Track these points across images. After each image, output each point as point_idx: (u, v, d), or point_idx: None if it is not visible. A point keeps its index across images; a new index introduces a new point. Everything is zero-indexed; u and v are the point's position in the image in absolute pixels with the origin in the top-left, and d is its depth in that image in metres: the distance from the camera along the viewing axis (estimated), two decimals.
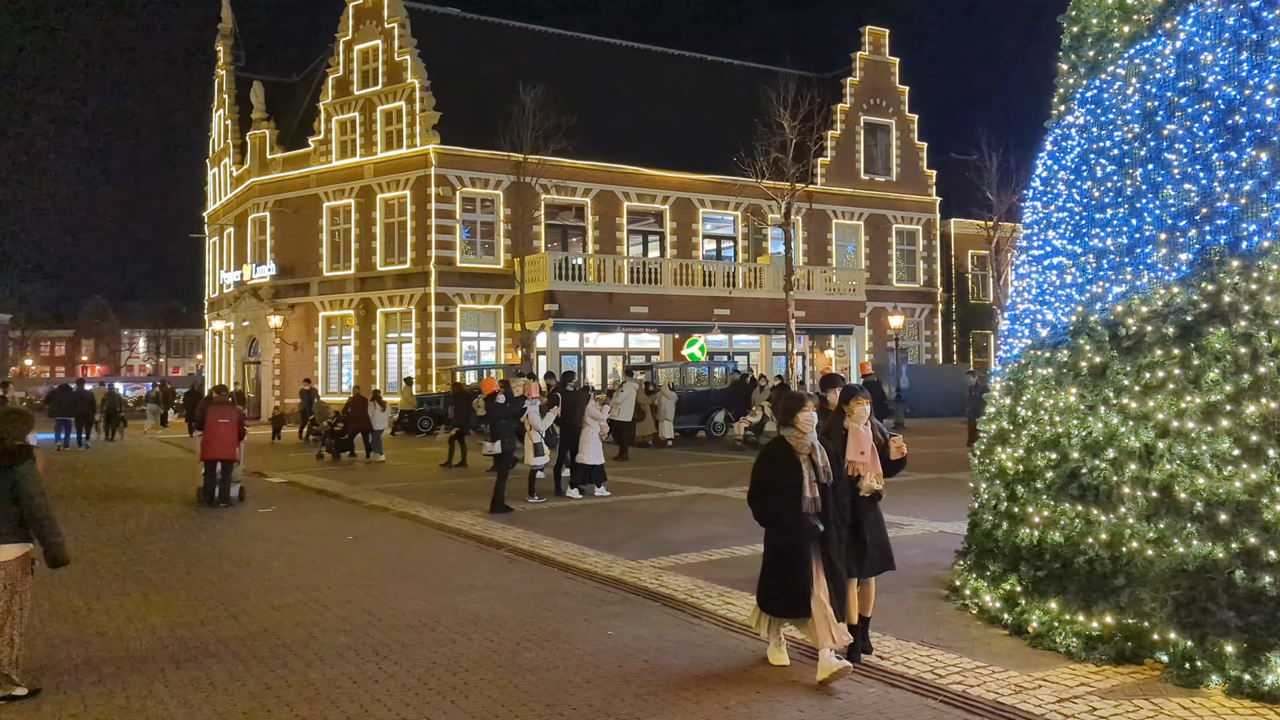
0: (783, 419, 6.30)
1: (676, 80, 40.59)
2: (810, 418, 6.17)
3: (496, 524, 12.54)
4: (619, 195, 36.69)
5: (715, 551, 10.35)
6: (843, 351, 40.80)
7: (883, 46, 42.56)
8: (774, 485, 6.25)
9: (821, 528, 6.13)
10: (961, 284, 46.98)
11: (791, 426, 6.19)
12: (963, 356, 46.56)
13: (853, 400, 6.56)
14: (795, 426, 6.17)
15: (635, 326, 34.77)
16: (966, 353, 47.27)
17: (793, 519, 6.13)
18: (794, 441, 6.18)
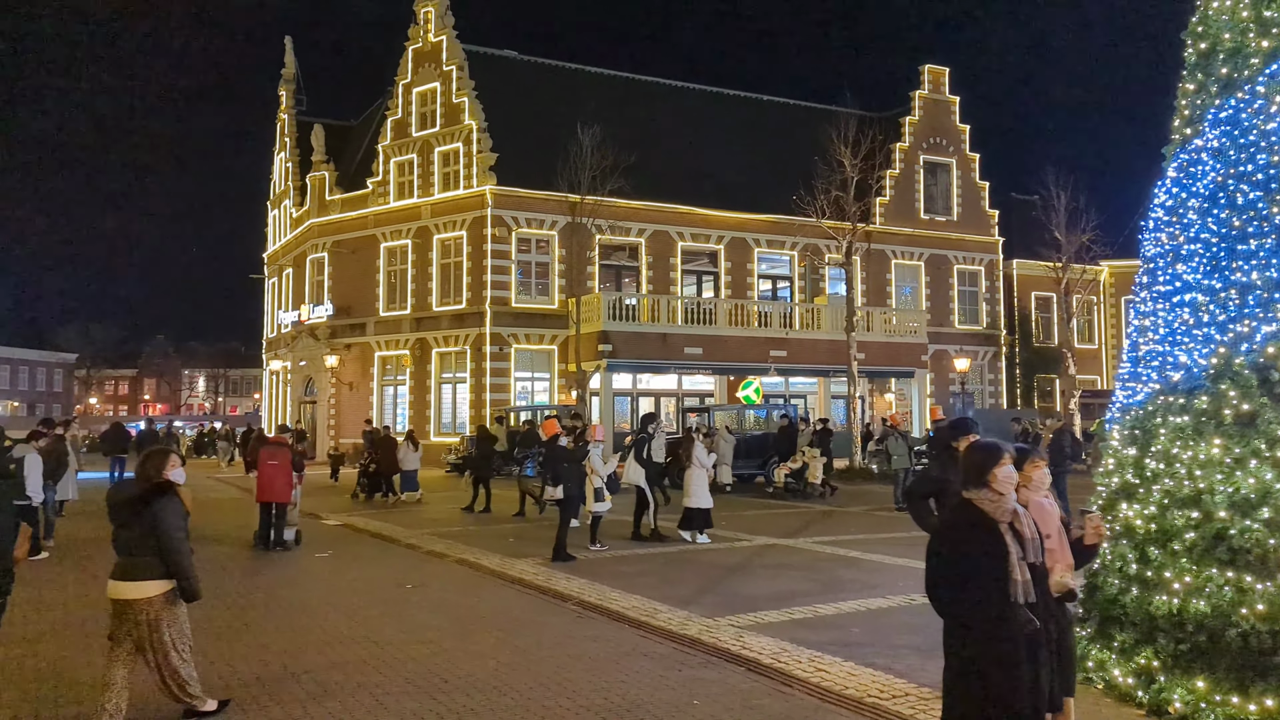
0: (973, 477, 4.56)
1: (730, 120, 40.32)
2: (1010, 474, 4.51)
3: (560, 573, 11.97)
4: (673, 235, 36.34)
5: (797, 609, 9.68)
6: (903, 395, 39.85)
7: (942, 85, 42.00)
8: (967, 568, 4.44)
9: (1037, 624, 4.36)
10: (1025, 326, 45.84)
11: (985, 487, 4.50)
12: (1026, 401, 45.31)
13: (1028, 464, 5.24)
14: (991, 487, 4.49)
15: (689, 368, 34.26)
16: (1030, 397, 46.00)
17: (1000, 614, 4.29)
18: (989, 507, 4.46)
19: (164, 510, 5.94)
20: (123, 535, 5.99)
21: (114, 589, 5.98)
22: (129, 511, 5.97)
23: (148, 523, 5.89)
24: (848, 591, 10.62)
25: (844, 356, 35.69)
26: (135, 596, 5.90)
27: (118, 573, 5.99)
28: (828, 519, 18.12)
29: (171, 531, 5.91)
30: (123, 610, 5.94)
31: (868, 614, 9.49)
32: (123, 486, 6.18)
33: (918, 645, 8.19)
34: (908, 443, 20.65)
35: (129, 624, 5.94)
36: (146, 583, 5.89)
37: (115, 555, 6.10)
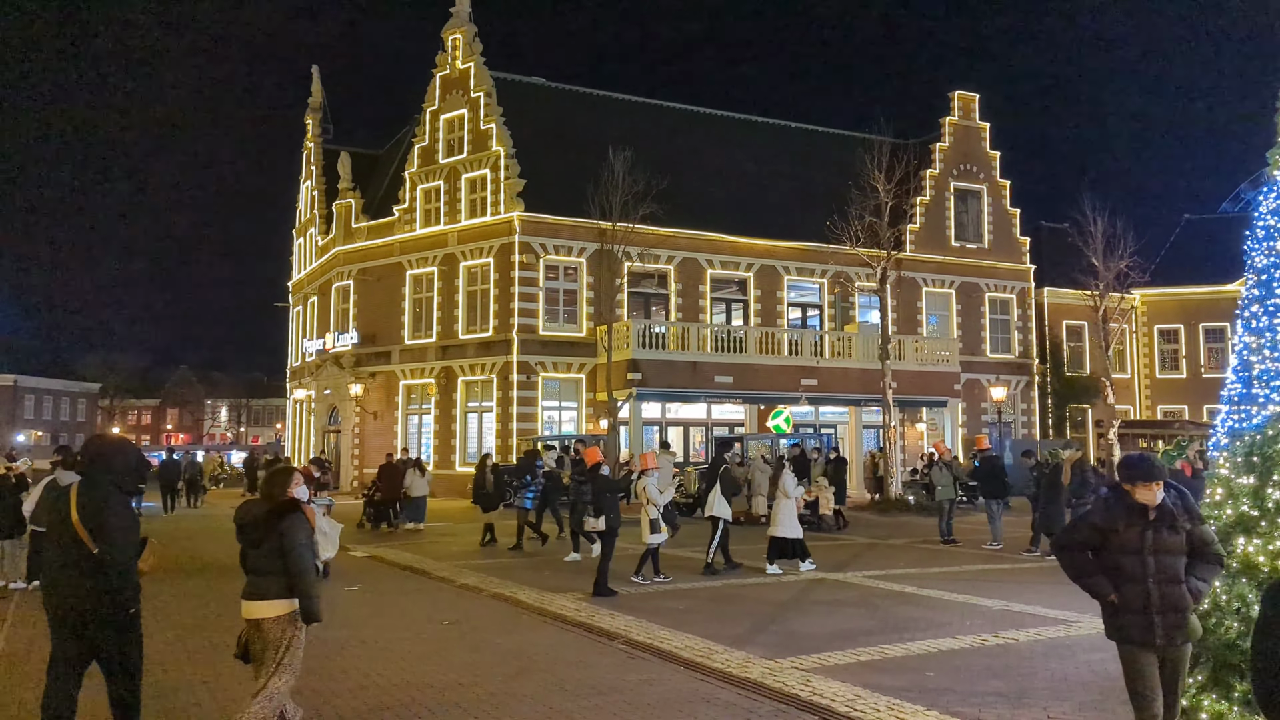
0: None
1: (758, 147, 39.98)
2: None
3: (603, 609, 11.39)
4: (702, 263, 35.88)
5: (863, 650, 9.06)
6: (934, 425, 39.10)
7: (973, 111, 41.53)
8: None
9: None
10: (1056, 355, 45.01)
11: None
12: (1059, 431, 44.38)
13: None
14: None
15: (719, 397, 33.67)
16: (1063, 428, 45.09)
17: None
18: None
19: (292, 528, 5.88)
20: (251, 555, 5.96)
21: (247, 609, 5.92)
22: (258, 530, 5.92)
23: (275, 541, 5.85)
24: (913, 630, 9.99)
25: (875, 385, 35.03)
26: (265, 615, 5.84)
27: (248, 592, 5.94)
28: (872, 552, 17.46)
29: (299, 549, 5.86)
30: (254, 629, 5.90)
31: (940, 656, 8.86)
32: (250, 506, 6.11)
33: (1002, 691, 7.58)
34: (954, 473, 19.98)
35: (259, 643, 5.89)
36: (274, 601, 5.85)
37: (245, 575, 6.04)
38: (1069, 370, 45.34)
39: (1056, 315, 45.26)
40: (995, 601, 11.69)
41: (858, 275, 36.71)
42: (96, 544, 5.66)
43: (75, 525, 5.70)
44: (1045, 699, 7.34)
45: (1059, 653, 8.91)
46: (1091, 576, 5.54)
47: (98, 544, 5.66)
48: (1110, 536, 5.39)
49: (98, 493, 5.80)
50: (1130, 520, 5.32)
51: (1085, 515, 5.69)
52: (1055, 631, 9.83)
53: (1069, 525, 6.05)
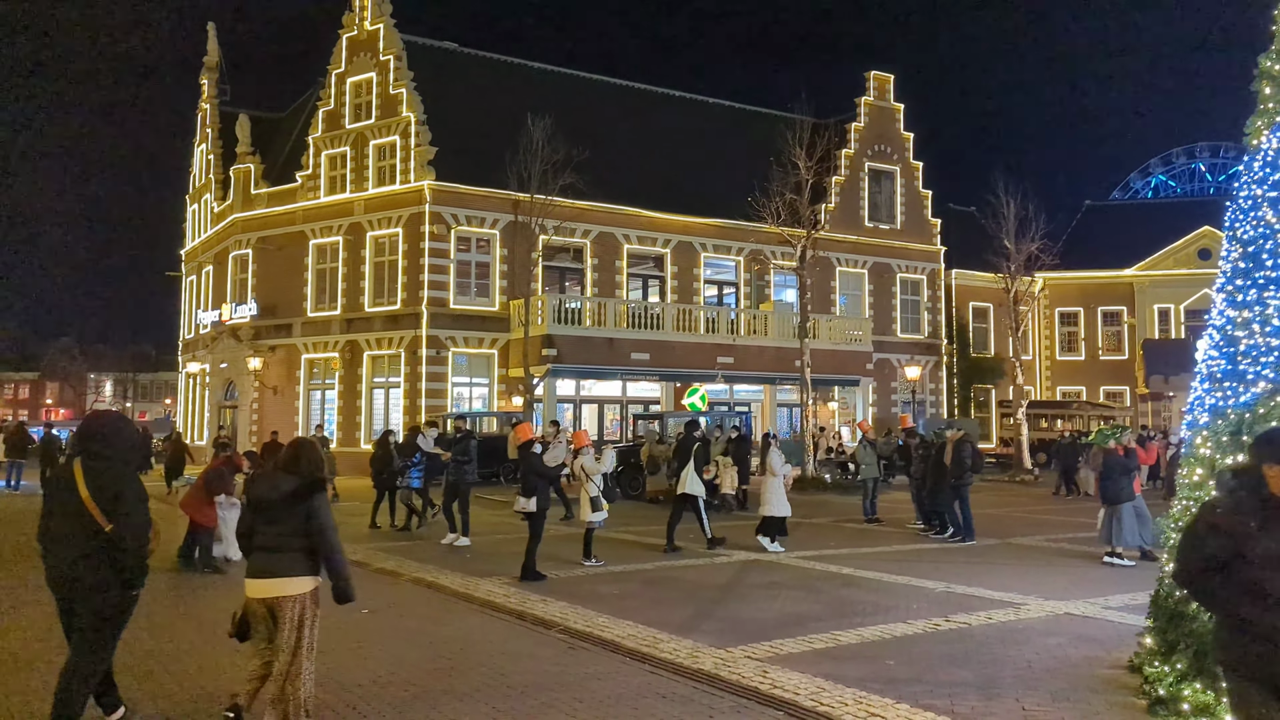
0: None
1: (678, 122, 39.48)
2: None
3: (534, 595, 10.77)
4: (619, 237, 35.28)
5: (815, 638, 8.64)
6: (845, 404, 39.38)
7: (887, 92, 41.72)
8: None
9: None
10: (962, 336, 45.83)
11: None
12: (964, 411, 45.26)
13: None
14: None
15: (635, 374, 33.22)
16: (968, 408, 46.00)
17: None
18: None
19: (321, 506, 5.67)
20: (269, 531, 5.64)
21: (259, 587, 5.63)
22: (283, 507, 5.63)
23: (301, 518, 5.61)
24: (861, 615, 9.64)
25: (790, 364, 35.05)
26: (284, 594, 5.57)
27: (260, 569, 5.64)
28: (799, 531, 17.15)
29: (330, 529, 5.67)
30: (267, 609, 5.63)
31: (896, 642, 8.50)
32: (269, 481, 5.78)
33: (970, 681, 7.23)
34: (877, 452, 19.86)
35: (272, 624, 5.63)
36: (296, 579, 5.61)
37: (255, 553, 5.72)
38: (974, 351, 46.23)
39: (963, 297, 46.06)
40: (936, 583, 11.44)
41: (774, 254, 36.61)
42: (112, 523, 5.59)
43: (86, 503, 5.59)
44: (1015, 689, 7.02)
45: (1015, 638, 8.64)
46: (1227, 603, 4.08)
47: (113, 523, 5.59)
48: (1244, 542, 3.98)
49: (110, 470, 5.72)
50: (1271, 519, 3.98)
51: (1207, 522, 4.18)
52: (1005, 615, 9.59)
53: (1187, 542, 4.29)
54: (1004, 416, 45.78)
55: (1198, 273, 47.82)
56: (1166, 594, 6.86)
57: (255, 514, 5.75)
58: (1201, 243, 47.81)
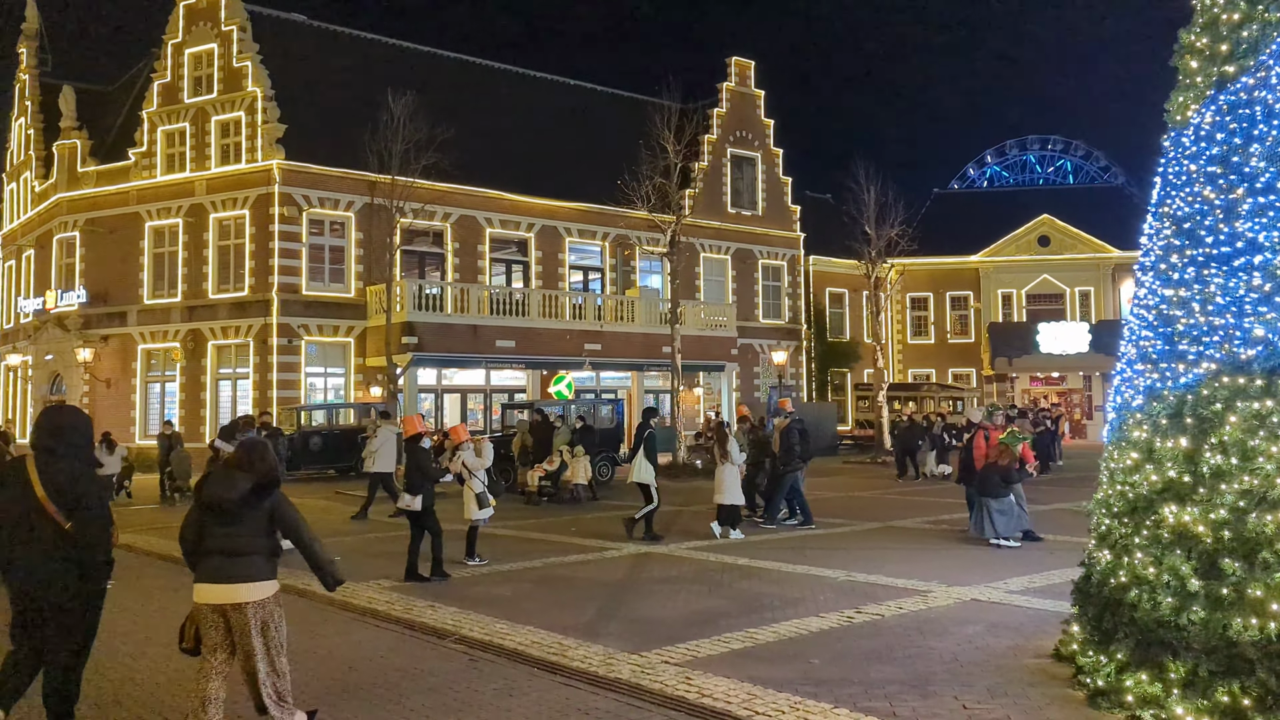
0: None
1: (541, 104, 38.62)
2: None
3: (419, 600, 9.99)
4: (481, 221, 34.23)
5: (730, 637, 8.21)
6: (710, 390, 39.47)
7: (748, 79, 41.92)
8: None
9: None
10: (820, 321, 46.67)
11: None
12: (822, 395, 46.13)
13: None
14: None
15: (500, 362, 32.32)
16: (825, 391, 46.91)
17: None
18: None
19: (283, 504, 5.57)
20: (226, 534, 5.39)
21: (220, 593, 5.34)
22: (242, 507, 5.40)
23: (264, 518, 5.46)
24: (770, 609, 9.27)
25: (657, 350, 34.88)
26: (249, 599, 5.34)
27: (220, 575, 5.36)
28: (683, 519, 16.82)
29: (302, 523, 5.62)
30: (227, 615, 5.37)
31: (814, 639, 8.14)
32: (223, 481, 5.48)
33: (901, 679, 6.92)
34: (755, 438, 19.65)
35: (232, 630, 5.38)
36: (261, 583, 5.41)
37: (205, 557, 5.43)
38: (831, 336, 47.16)
39: (820, 283, 46.87)
40: (836, 572, 11.22)
41: (640, 239, 36.30)
42: (72, 521, 5.46)
43: (43, 502, 5.45)
44: (949, 686, 6.74)
45: (932, 628, 8.42)
46: None
47: (74, 521, 5.46)
48: None
49: (67, 467, 5.57)
50: None
51: None
52: (915, 604, 9.40)
53: None
54: (859, 399, 46.93)
55: (1038, 259, 50.20)
56: (1099, 581, 6.69)
57: (207, 515, 5.44)
58: (1041, 230, 50.13)
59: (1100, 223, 50.41)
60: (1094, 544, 7.01)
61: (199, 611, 5.43)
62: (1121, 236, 50.04)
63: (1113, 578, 6.48)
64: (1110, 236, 49.86)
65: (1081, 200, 53.35)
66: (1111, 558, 6.52)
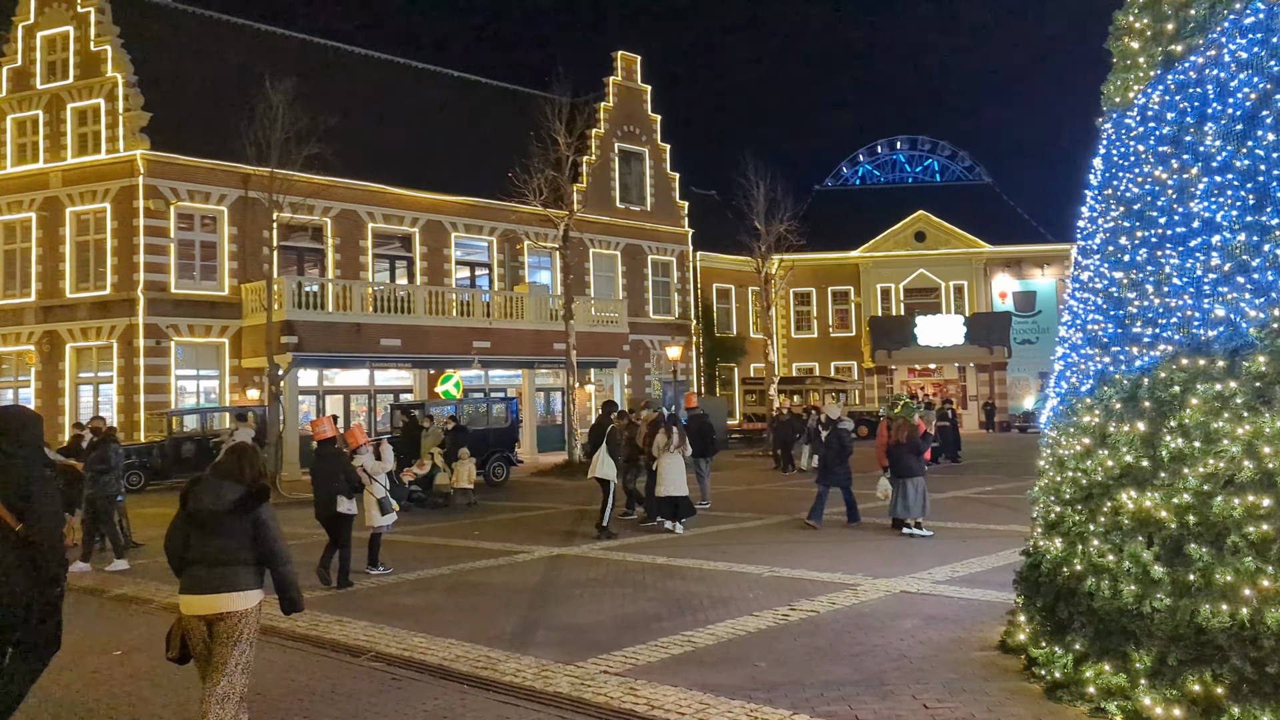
0: None
1: (427, 96, 37.48)
2: None
3: (325, 615, 9.29)
4: (363, 215, 33.00)
5: (667, 641, 7.84)
6: (601, 386, 39.11)
7: (635, 73, 41.67)
8: None
9: None
10: (708, 317, 46.82)
11: None
12: (710, 390, 46.31)
13: None
14: None
15: (385, 361, 31.24)
16: (714, 386, 47.12)
17: None
18: None
19: (269, 515, 5.41)
20: (212, 543, 5.28)
21: (201, 604, 5.24)
22: (228, 517, 5.30)
23: (249, 528, 5.33)
24: (702, 610, 8.94)
25: (548, 347, 34.35)
26: (234, 609, 5.24)
27: (205, 584, 5.24)
28: (584, 521, 16.36)
29: (279, 539, 5.45)
30: (210, 626, 5.26)
31: (754, 640, 7.84)
32: (211, 490, 5.37)
33: (854, 680, 6.67)
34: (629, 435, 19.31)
35: (213, 639, 5.27)
36: (246, 593, 5.31)
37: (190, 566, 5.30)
38: (719, 331, 47.38)
39: (707, 278, 47.02)
40: (759, 567, 10.98)
41: (528, 234, 35.63)
42: (23, 522, 5.33)
43: None
44: (905, 684, 6.52)
45: (869, 623, 8.22)
46: None
47: (25, 522, 5.33)
48: None
49: (18, 467, 5.45)
50: None
51: None
52: (846, 598, 9.21)
53: None
54: (747, 394, 47.37)
55: (914, 254, 51.55)
56: (1050, 570, 6.57)
57: (193, 525, 5.32)
58: (917, 225, 51.49)
59: (972, 219, 52.14)
60: (1040, 532, 6.91)
61: (188, 622, 5.30)
62: (992, 232, 51.91)
63: (1066, 566, 6.36)
64: (981, 232, 51.61)
65: (954, 197, 55.09)
66: (1064, 546, 6.40)
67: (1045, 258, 52.22)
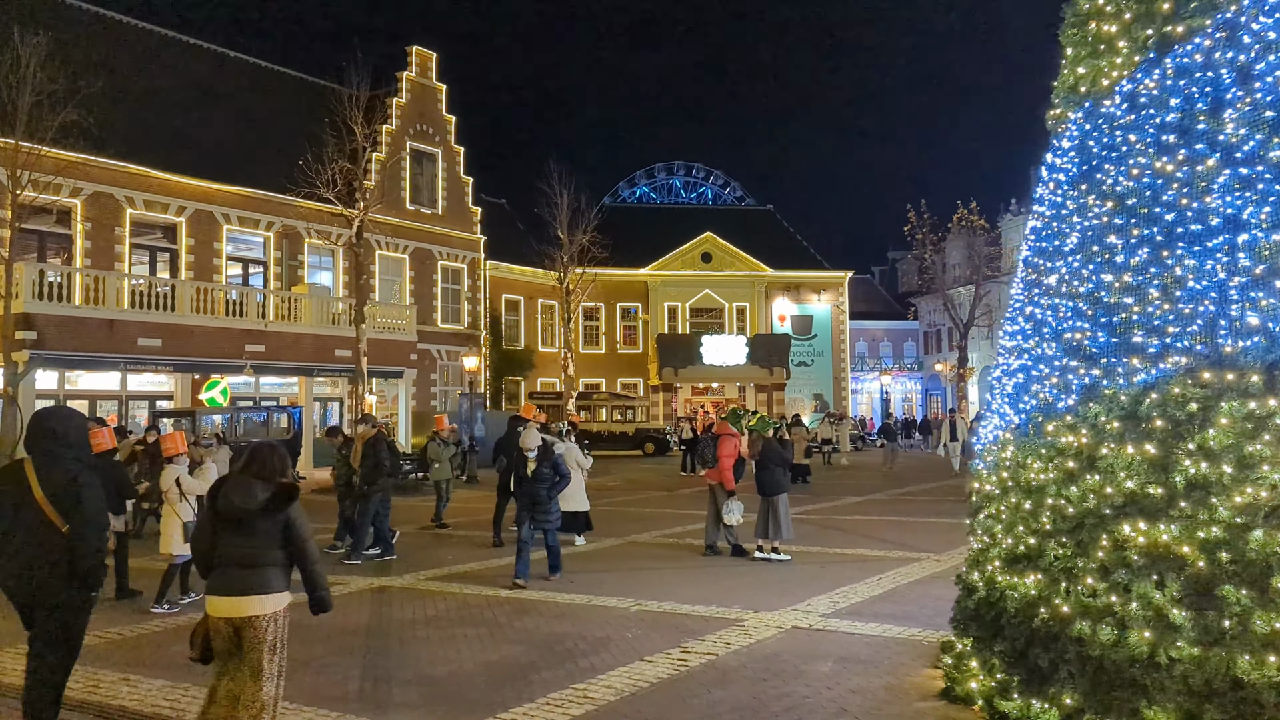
0: None
1: (201, 78, 33.74)
2: None
3: (109, 670, 7.36)
4: (121, 200, 29.29)
5: (558, 698, 6.56)
6: (384, 397, 36.77)
7: (430, 70, 39.65)
8: None
9: None
10: (496, 329, 45.30)
11: None
12: (497, 403, 44.77)
13: None
14: None
15: (143, 363, 27.80)
16: (500, 400, 45.60)
17: None
18: None
19: (298, 515, 5.27)
20: (239, 543, 5.13)
21: (229, 606, 5.06)
22: (260, 517, 5.14)
23: (279, 528, 5.19)
24: (584, 655, 7.70)
25: (329, 353, 31.93)
26: (263, 611, 5.08)
27: (235, 586, 5.08)
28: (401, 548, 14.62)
29: (310, 538, 5.34)
30: (239, 629, 5.08)
31: (661, 692, 6.69)
32: (240, 490, 5.16)
33: None
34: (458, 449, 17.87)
35: (242, 644, 5.08)
36: (276, 595, 5.16)
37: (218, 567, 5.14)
38: (507, 344, 45.94)
39: (496, 289, 45.48)
40: (620, 600, 9.85)
41: (309, 232, 32.99)
42: (69, 524, 5.35)
43: (41, 504, 5.36)
44: None
45: (782, 668, 7.27)
46: None
47: (70, 524, 5.35)
48: None
49: (64, 469, 5.45)
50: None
51: None
52: (737, 637, 8.23)
53: None
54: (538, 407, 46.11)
55: (701, 274, 52.20)
56: (1019, 610, 5.82)
57: (222, 525, 5.21)
58: (704, 247, 52.20)
59: (755, 243, 53.46)
60: (999, 565, 6.17)
61: (214, 623, 5.16)
62: (773, 257, 53.42)
63: (1043, 607, 5.63)
64: (764, 256, 52.99)
65: (739, 221, 56.39)
66: (1042, 583, 5.67)
67: (822, 284, 54.24)
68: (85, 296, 26.43)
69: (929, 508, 18.63)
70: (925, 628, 8.36)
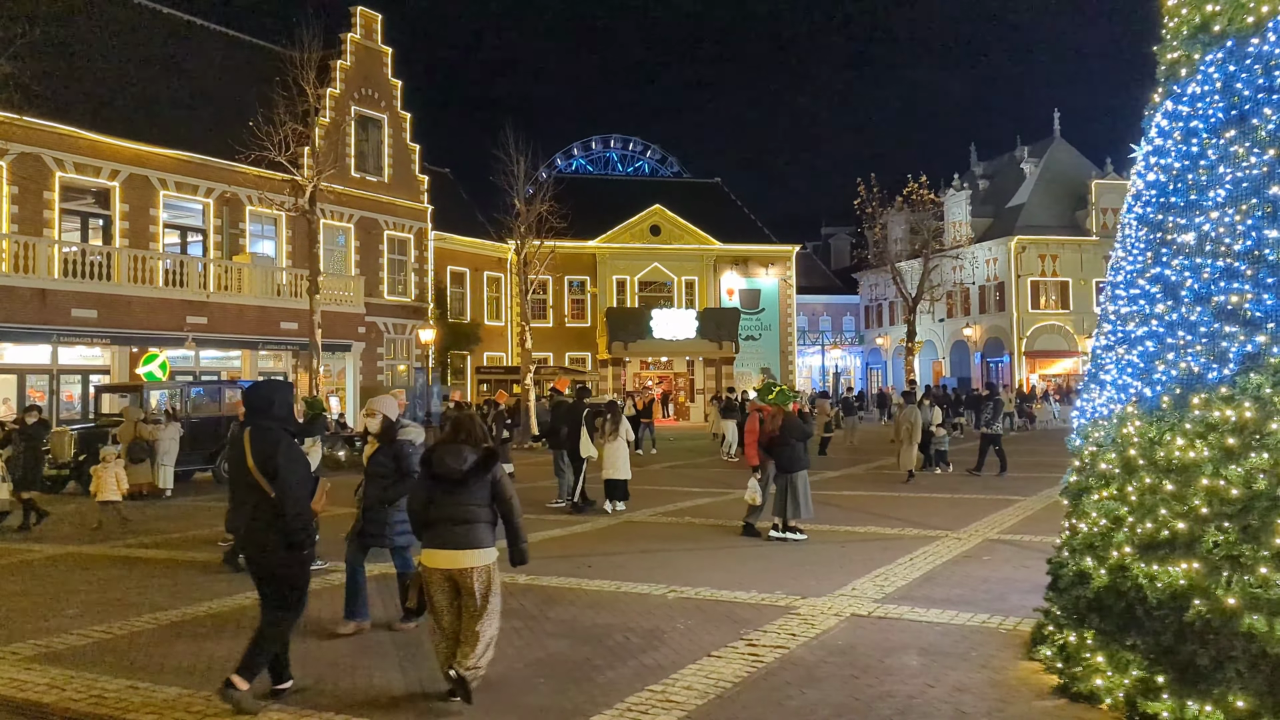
0: None
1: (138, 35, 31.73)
2: None
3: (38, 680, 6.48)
4: (49, 162, 27.47)
5: (638, 701, 5.88)
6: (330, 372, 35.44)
7: (375, 33, 38.06)
8: None
9: None
10: (442, 301, 44.07)
11: None
12: (443, 378, 43.64)
13: None
14: None
15: (76, 335, 26.27)
16: (446, 375, 44.47)
17: None
18: None
19: (502, 474, 5.98)
20: (451, 502, 5.80)
21: (448, 558, 5.78)
22: (472, 477, 5.82)
23: (487, 487, 5.88)
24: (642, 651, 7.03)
25: (273, 325, 30.70)
26: (478, 564, 5.80)
27: (452, 541, 5.77)
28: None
29: (515, 495, 6.03)
30: (457, 580, 5.80)
31: (749, 693, 6.05)
32: (452, 452, 5.87)
33: None
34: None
35: (461, 593, 5.82)
36: (486, 550, 5.85)
37: (433, 525, 5.80)
38: (453, 317, 44.76)
39: (441, 261, 44.22)
40: (651, 585, 9.20)
41: (251, 198, 31.47)
42: (274, 488, 5.76)
43: (252, 471, 5.81)
44: None
45: (867, 664, 6.68)
46: None
47: (275, 488, 5.76)
48: None
49: (270, 438, 5.89)
50: None
51: None
52: (799, 627, 7.62)
53: None
54: (480, 383, 45.15)
55: (650, 247, 51.47)
56: (1163, 602, 5.29)
57: (436, 485, 5.81)
58: (653, 219, 51.44)
59: (703, 216, 52.84)
60: (1131, 551, 5.64)
61: (430, 575, 5.77)
62: (721, 230, 52.87)
63: (1200, 598, 5.11)
64: (712, 229, 52.41)
65: (687, 194, 55.72)
66: (1201, 571, 5.14)
67: (770, 257, 53.91)
68: (13, 264, 24.85)
69: (913, 482, 18.36)
70: (993, 614, 7.86)
